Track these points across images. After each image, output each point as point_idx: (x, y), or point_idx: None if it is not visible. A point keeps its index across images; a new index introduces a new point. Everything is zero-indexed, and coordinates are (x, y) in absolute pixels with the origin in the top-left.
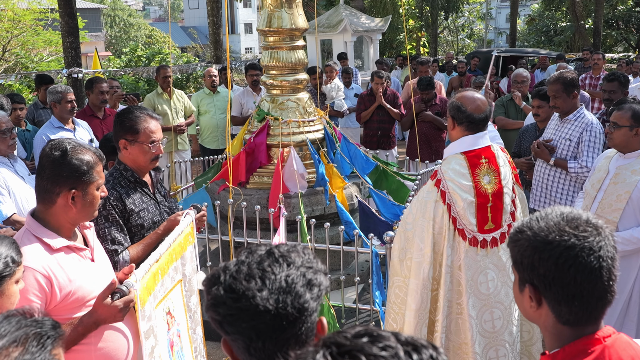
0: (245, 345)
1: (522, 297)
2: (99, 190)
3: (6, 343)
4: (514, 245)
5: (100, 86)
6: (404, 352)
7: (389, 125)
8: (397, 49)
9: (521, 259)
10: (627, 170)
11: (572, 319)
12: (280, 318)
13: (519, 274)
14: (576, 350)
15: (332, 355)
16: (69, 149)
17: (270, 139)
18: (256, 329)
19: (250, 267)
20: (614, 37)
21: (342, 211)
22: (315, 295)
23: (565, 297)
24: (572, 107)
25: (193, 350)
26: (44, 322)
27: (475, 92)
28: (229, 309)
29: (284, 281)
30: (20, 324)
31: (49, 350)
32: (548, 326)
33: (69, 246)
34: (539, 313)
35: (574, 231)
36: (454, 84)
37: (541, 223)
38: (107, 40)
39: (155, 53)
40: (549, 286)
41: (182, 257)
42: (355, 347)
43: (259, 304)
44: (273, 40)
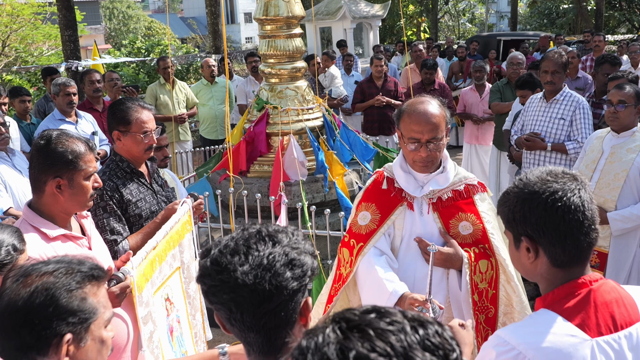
0: (227, 315)
1: (519, 254)
2: (90, 180)
3: (43, 269)
4: (503, 207)
5: (91, 76)
6: (410, 327)
7: (389, 111)
8: (398, 35)
9: (512, 214)
10: (623, 149)
11: (566, 259)
12: (257, 293)
13: (512, 231)
14: (564, 292)
15: (341, 330)
16: (54, 137)
17: (270, 128)
18: (235, 301)
19: (237, 243)
20: (617, 18)
21: (342, 198)
22: (297, 275)
23: (558, 237)
24: (561, 87)
25: (193, 336)
26: (84, 263)
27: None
28: (213, 280)
29: (265, 258)
30: (65, 260)
31: (76, 280)
32: (544, 273)
33: (65, 235)
34: (536, 264)
35: (554, 179)
36: (454, 69)
37: (524, 180)
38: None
39: (155, 44)
40: (542, 232)
41: (180, 244)
42: (363, 322)
43: (238, 278)
44: (270, 29)
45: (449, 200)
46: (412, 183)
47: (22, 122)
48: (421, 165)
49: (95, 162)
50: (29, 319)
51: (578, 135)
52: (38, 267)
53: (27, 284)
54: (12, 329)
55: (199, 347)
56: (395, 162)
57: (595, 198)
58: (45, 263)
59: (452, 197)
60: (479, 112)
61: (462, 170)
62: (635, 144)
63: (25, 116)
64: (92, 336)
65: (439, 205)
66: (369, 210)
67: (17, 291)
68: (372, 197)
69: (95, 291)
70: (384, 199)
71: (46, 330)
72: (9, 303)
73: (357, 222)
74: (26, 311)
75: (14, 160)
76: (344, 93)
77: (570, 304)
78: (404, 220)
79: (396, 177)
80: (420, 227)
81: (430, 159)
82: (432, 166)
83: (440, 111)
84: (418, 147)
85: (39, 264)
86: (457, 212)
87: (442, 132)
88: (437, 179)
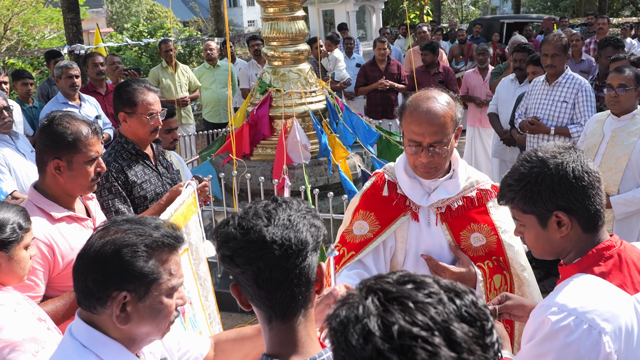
0: (254, 276)
1: (547, 233)
2: (93, 164)
3: (120, 226)
4: (523, 191)
5: (94, 59)
6: (447, 298)
7: (392, 94)
8: (401, 18)
9: (539, 193)
10: (624, 132)
11: (593, 222)
12: (285, 248)
13: (537, 211)
14: (598, 256)
15: (380, 302)
16: (57, 117)
17: (273, 111)
18: (264, 258)
19: (257, 209)
20: (621, 1)
21: (345, 180)
22: (313, 234)
23: (589, 200)
24: (563, 69)
25: (207, 317)
26: (160, 228)
27: None
28: (239, 243)
29: (286, 219)
30: (144, 221)
31: (145, 243)
32: (575, 242)
33: (70, 216)
34: (568, 236)
35: (562, 149)
36: (455, 52)
37: (536, 159)
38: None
39: (157, 28)
40: (574, 199)
41: (186, 226)
42: (402, 294)
43: (266, 235)
44: (273, 11)
45: (460, 209)
46: (418, 190)
47: (25, 105)
48: (423, 171)
49: (99, 146)
50: (95, 267)
51: (581, 118)
52: (118, 222)
53: (104, 236)
54: (81, 273)
55: (213, 328)
56: (398, 163)
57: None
58: (127, 220)
59: (463, 205)
60: (482, 95)
61: (474, 172)
62: (636, 127)
63: (28, 99)
64: (151, 299)
65: (449, 216)
66: (367, 219)
67: (96, 240)
68: (371, 205)
69: (162, 257)
70: (385, 208)
71: (106, 282)
72: (86, 249)
73: (351, 231)
74: (94, 259)
75: (18, 143)
76: (346, 76)
77: (606, 266)
78: (408, 232)
79: (399, 182)
80: (428, 241)
81: (433, 165)
82: (437, 172)
83: (447, 110)
84: (418, 150)
85: (121, 221)
86: (469, 222)
87: (449, 135)
88: (446, 186)
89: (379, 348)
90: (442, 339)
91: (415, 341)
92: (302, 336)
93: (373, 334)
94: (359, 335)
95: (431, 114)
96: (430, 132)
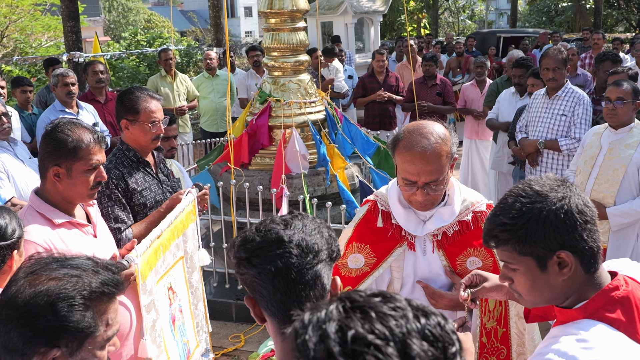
0: (271, 276)
1: (547, 276)
2: (93, 173)
3: (54, 273)
4: (519, 231)
5: (94, 67)
6: (412, 315)
7: (390, 106)
8: (398, 31)
9: (542, 232)
10: (621, 145)
11: (593, 261)
12: (302, 248)
13: (537, 252)
14: (604, 299)
15: (344, 309)
16: (60, 124)
17: (272, 121)
18: (282, 257)
19: (274, 218)
20: (615, 16)
21: (343, 190)
22: (329, 243)
23: (590, 238)
24: (563, 83)
25: (195, 326)
26: (99, 274)
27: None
28: (257, 244)
29: (302, 225)
30: (82, 265)
31: (82, 294)
32: (576, 285)
33: (70, 222)
34: (570, 279)
35: (559, 183)
36: (452, 65)
37: (532, 195)
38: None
39: (156, 37)
40: (579, 237)
41: (184, 234)
42: (367, 304)
43: (284, 235)
44: (274, 22)
45: (456, 234)
46: (413, 220)
47: (24, 112)
48: (418, 207)
49: (101, 155)
50: (23, 321)
51: (575, 132)
52: (52, 267)
53: (34, 284)
54: (4, 325)
55: (200, 337)
56: (392, 192)
57: (595, 194)
58: (61, 264)
59: (459, 230)
60: (480, 108)
61: (468, 194)
62: (633, 139)
63: (27, 106)
64: (83, 353)
65: (445, 242)
66: (362, 252)
67: (24, 288)
68: (366, 237)
69: (100, 308)
70: (380, 240)
71: (35, 338)
72: (11, 297)
73: (346, 264)
74: (22, 312)
75: (16, 150)
76: (345, 87)
77: (615, 312)
78: (404, 261)
79: (394, 213)
80: (424, 268)
81: (429, 201)
82: (432, 206)
83: (442, 147)
84: (413, 189)
85: (55, 264)
86: (465, 247)
87: (444, 172)
88: (442, 213)
89: (330, 350)
90: (397, 350)
91: (368, 348)
92: None
93: (328, 336)
94: (316, 336)
95: (426, 154)
96: (426, 172)
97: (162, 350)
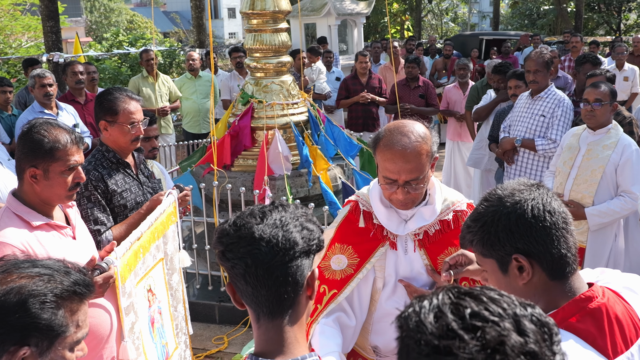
0: (243, 271)
1: (509, 279)
2: (71, 174)
3: (26, 271)
4: (480, 233)
5: (74, 68)
6: (519, 303)
7: (373, 107)
8: (382, 33)
9: (496, 235)
10: (599, 146)
11: (561, 268)
12: (272, 246)
13: (497, 255)
14: (575, 308)
15: (454, 294)
16: (37, 124)
17: (255, 122)
18: (251, 254)
19: (254, 210)
20: (596, 20)
21: (326, 192)
22: (304, 237)
23: (551, 242)
24: (546, 85)
25: (174, 328)
26: (70, 274)
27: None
28: (231, 238)
29: (278, 220)
30: (53, 266)
31: (54, 293)
32: (541, 291)
33: (48, 224)
34: (531, 283)
35: (524, 187)
36: (438, 67)
37: (494, 198)
38: (88, 25)
39: (138, 38)
40: (534, 240)
41: (164, 235)
42: (475, 291)
43: (255, 232)
44: (256, 23)
45: (437, 233)
46: (395, 219)
47: (3, 113)
48: (399, 205)
49: (78, 155)
50: None
51: (553, 133)
52: (23, 266)
53: (6, 282)
54: None
55: (179, 339)
56: (373, 192)
57: (573, 194)
58: (33, 264)
59: (440, 229)
60: (462, 109)
61: (449, 193)
62: (610, 140)
63: (7, 107)
64: (53, 354)
65: (426, 242)
66: (344, 253)
67: None
68: (348, 238)
69: (72, 308)
70: (363, 240)
71: (5, 336)
72: None
73: (329, 267)
74: None
75: None
76: (327, 89)
77: (585, 323)
78: (386, 260)
79: (375, 213)
80: (406, 267)
81: (410, 200)
82: (413, 205)
83: (422, 145)
84: (394, 187)
85: (26, 263)
86: (446, 246)
87: (425, 170)
88: (423, 213)
89: (449, 325)
90: (512, 326)
91: (486, 322)
92: (288, 337)
93: (445, 314)
94: (432, 315)
95: (407, 152)
96: (406, 170)
97: (141, 352)
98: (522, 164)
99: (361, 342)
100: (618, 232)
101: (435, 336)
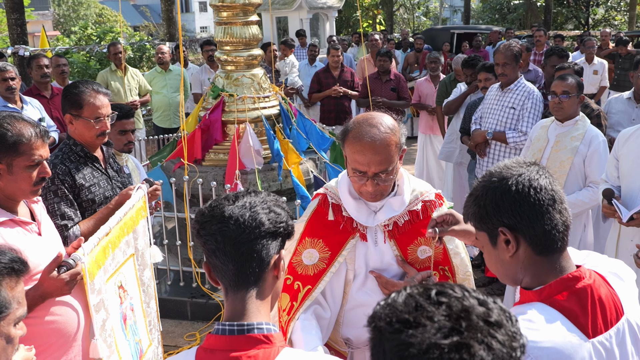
0: (214, 247)
1: (498, 251)
2: (36, 169)
3: None
4: (472, 206)
5: (39, 61)
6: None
7: (346, 101)
8: (354, 27)
9: (484, 209)
10: (567, 137)
11: (547, 244)
12: (239, 224)
13: (486, 227)
14: (562, 286)
15: (422, 286)
16: (0, 118)
17: (226, 116)
18: (221, 231)
19: (229, 195)
20: (565, 14)
21: (298, 186)
22: (271, 219)
23: (536, 217)
24: (516, 77)
25: (147, 324)
26: (5, 254)
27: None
28: (205, 217)
29: (248, 202)
30: None
31: None
32: (527, 264)
33: (13, 220)
34: (517, 256)
35: (518, 165)
36: (410, 60)
37: (487, 176)
38: (55, 19)
39: (107, 31)
40: (518, 215)
41: (135, 231)
42: (443, 284)
43: (225, 212)
44: (226, 16)
45: (406, 224)
46: (364, 211)
47: None
48: (368, 197)
49: (44, 150)
50: None
51: (523, 125)
52: None
53: None
54: None
55: (152, 335)
56: (342, 184)
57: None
58: None
59: (410, 219)
60: (434, 103)
61: (417, 183)
62: (578, 132)
63: None
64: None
65: (396, 232)
66: (315, 247)
67: None
68: (318, 232)
69: (11, 285)
70: (333, 233)
71: None
72: None
73: (301, 262)
74: None
75: None
76: (298, 83)
77: (570, 302)
78: (356, 252)
79: (344, 205)
80: (376, 258)
81: (379, 191)
82: (382, 197)
83: (391, 137)
84: (363, 179)
85: None
86: (416, 237)
87: (394, 162)
88: (392, 204)
89: (418, 302)
90: (476, 302)
91: (451, 298)
92: (250, 307)
93: (413, 296)
94: (402, 299)
95: (375, 143)
96: (375, 162)
97: (114, 350)
98: (493, 155)
99: (333, 335)
100: (587, 223)
101: (404, 312)
